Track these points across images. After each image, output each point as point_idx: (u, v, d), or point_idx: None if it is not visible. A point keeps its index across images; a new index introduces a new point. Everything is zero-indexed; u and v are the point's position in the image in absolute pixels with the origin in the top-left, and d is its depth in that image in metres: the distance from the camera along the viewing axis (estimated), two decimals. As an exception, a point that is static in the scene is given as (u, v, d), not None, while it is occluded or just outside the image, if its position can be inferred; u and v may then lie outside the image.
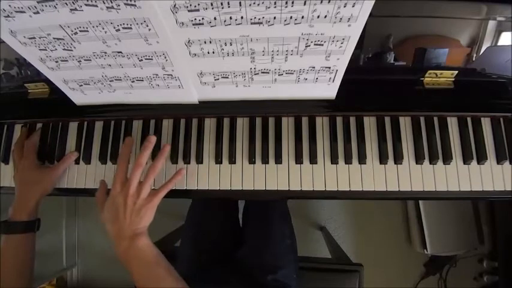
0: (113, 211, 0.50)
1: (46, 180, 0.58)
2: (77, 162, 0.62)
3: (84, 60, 0.47)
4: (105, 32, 0.42)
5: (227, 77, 0.50)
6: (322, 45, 0.43)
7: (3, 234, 0.55)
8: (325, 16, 0.38)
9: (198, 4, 0.37)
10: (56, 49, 0.45)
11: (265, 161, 0.58)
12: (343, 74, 0.49)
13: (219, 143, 0.59)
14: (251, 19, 0.39)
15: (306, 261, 0.81)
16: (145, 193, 0.50)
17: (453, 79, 0.55)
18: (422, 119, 0.58)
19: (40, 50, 0.46)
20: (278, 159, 0.58)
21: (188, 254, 0.73)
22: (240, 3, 0.37)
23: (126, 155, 0.54)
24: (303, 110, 0.58)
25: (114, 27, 0.41)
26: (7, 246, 0.55)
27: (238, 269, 0.69)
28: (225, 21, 0.39)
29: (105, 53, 0.46)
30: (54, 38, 0.43)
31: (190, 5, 0.37)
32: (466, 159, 0.56)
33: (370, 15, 0.38)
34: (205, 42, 0.43)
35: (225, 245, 0.75)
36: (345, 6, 0.37)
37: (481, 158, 0.56)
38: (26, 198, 0.57)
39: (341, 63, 0.47)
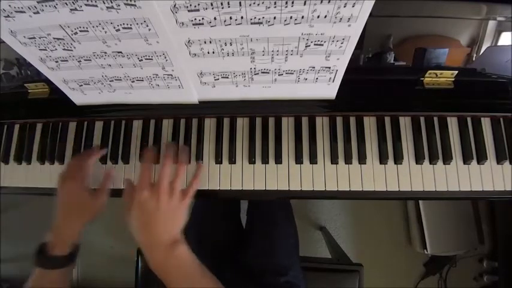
0: (143, 218, 0.45)
1: (93, 207, 0.52)
2: (77, 162, 0.62)
3: (84, 60, 0.47)
4: (105, 32, 0.42)
5: (227, 77, 0.50)
6: (322, 45, 0.43)
7: (39, 269, 0.47)
8: (325, 16, 0.38)
9: (198, 4, 0.37)
10: (56, 49, 0.45)
11: (265, 161, 0.58)
12: (343, 74, 0.49)
13: (219, 143, 0.59)
14: (251, 19, 0.39)
15: (306, 261, 0.81)
16: (177, 192, 0.46)
17: (453, 79, 0.55)
18: (422, 119, 0.58)
19: (40, 50, 0.46)
20: (278, 159, 0.58)
21: None
22: (240, 3, 0.37)
23: (150, 159, 0.51)
24: (303, 110, 0.58)
25: (114, 27, 0.41)
26: (42, 281, 0.47)
27: (247, 271, 0.68)
28: (225, 21, 0.39)
29: (105, 53, 0.45)
30: (54, 38, 0.43)
31: (190, 5, 0.37)
32: (466, 159, 0.56)
33: (370, 15, 0.38)
34: (205, 42, 0.43)
35: (228, 246, 0.75)
36: (345, 6, 0.37)
37: (481, 158, 0.56)
38: (71, 228, 0.50)
39: (341, 63, 0.47)
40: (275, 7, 0.37)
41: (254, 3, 0.37)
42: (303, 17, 0.38)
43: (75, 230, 0.51)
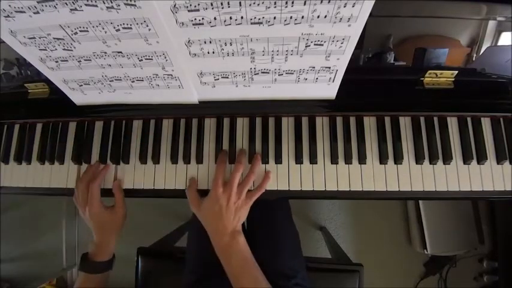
0: (216, 210, 0.54)
1: (117, 221, 0.60)
2: (78, 162, 0.62)
3: (84, 60, 0.47)
4: (105, 32, 0.42)
5: (227, 77, 0.50)
6: (322, 45, 0.43)
7: (83, 273, 0.58)
8: (325, 16, 0.38)
9: (198, 4, 0.37)
10: (56, 49, 0.45)
11: (265, 161, 0.58)
12: (343, 74, 0.49)
13: (219, 143, 0.59)
14: (251, 19, 0.39)
15: (306, 261, 0.81)
16: (243, 195, 0.55)
17: (453, 79, 0.55)
18: (422, 119, 0.58)
19: (40, 50, 0.46)
20: (278, 159, 0.58)
21: (195, 264, 0.71)
22: (240, 3, 0.37)
23: (224, 161, 0.57)
24: (303, 110, 0.58)
25: (114, 27, 0.41)
26: (86, 284, 0.58)
27: None
28: (225, 21, 0.39)
29: (105, 53, 0.46)
30: (54, 38, 0.43)
31: (190, 5, 0.37)
32: (466, 159, 0.56)
33: (370, 15, 0.38)
34: (205, 42, 0.43)
35: None
36: (345, 6, 0.37)
37: (481, 158, 0.56)
38: (107, 242, 0.60)
39: (341, 63, 0.47)
40: (275, 7, 0.37)
41: (254, 3, 0.37)
42: (303, 17, 0.38)
43: (111, 241, 0.61)
